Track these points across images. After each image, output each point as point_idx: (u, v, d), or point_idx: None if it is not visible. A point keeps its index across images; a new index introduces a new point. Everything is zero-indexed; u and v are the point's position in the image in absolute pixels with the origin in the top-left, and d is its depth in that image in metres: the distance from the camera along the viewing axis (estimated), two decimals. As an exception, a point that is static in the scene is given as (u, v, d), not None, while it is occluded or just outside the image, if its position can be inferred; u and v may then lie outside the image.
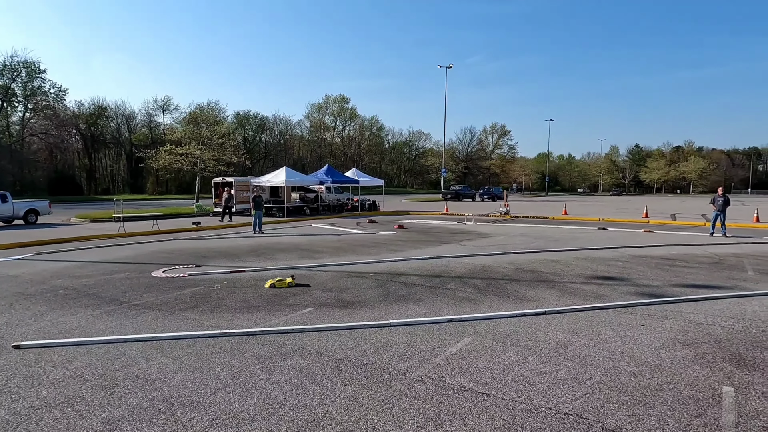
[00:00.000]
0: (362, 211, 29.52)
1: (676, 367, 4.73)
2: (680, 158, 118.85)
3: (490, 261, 11.12)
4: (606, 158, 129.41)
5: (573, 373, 4.58)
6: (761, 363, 4.83)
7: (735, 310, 6.79)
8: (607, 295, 7.70)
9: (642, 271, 9.93)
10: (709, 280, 9.00)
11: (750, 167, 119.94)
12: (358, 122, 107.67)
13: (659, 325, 6.10)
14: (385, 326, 6.04)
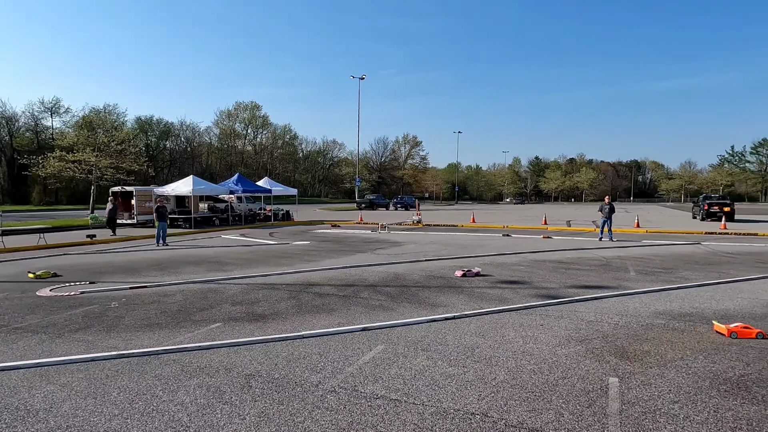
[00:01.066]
0: (275, 221, 28.90)
1: (570, 362, 5.12)
2: (574, 169, 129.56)
3: (403, 269, 11.36)
4: (510, 169, 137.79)
5: (479, 374, 4.79)
6: (641, 354, 5.37)
7: (620, 308, 7.50)
8: (510, 298, 8.16)
9: (541, 274, 10.65)
10: (598, 281, 9.86)
11: (632, 178, 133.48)
12: (271, 130, 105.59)
13: (556, 324, 6.58)
14: (297, 338, 5.95)
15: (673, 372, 4.84)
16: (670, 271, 11.08)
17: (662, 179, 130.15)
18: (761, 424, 3.76)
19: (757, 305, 7.71)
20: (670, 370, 4.88)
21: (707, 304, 7.79)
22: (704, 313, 7.16)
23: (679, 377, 4.71)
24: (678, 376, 4.74)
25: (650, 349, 5.55)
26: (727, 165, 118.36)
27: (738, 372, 4.85)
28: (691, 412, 3.98)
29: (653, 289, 8.86)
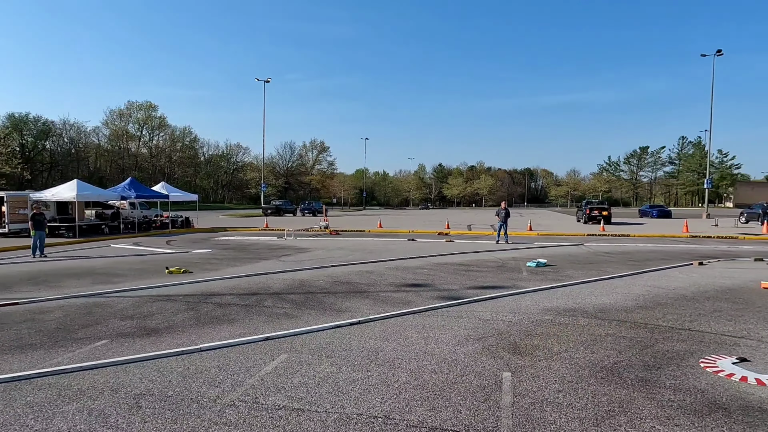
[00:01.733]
0: (173, 228, 27.24)
1: (468, 360, 5.37)
2: (474, 176, 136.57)
3: (309, 275, 11.23)
4: (415, 175, 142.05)
5: (383, 377, 4.86)
6: (531, 348, 5.77)
7: (513, 306, 8.00)
8: (414, 301, 8.38)
9: (443, 276, 11.07)
10: (495, 281, 10.45)
11: (525, 185, 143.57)
12: (169, 132, 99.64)
13: (456, 324, 6.86)
14: (195, 352, 5.64)
15: (558, 364, 5.25)
16: (558, 270, 12.04)
17: (552, 186, 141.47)
18: (630, 404, 4.20)
19: (628, 299, 8.61)
20: (556, 362, 5.29)
21: (588, 299, 8.57)
22: (585, 308, 7.87)
23: (563, 368, 5.12)
24: (562, 367, 5.15)
25: (539, 343, 5.98)
26: (605, 173, 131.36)
27: (612, 360, 5.37)
28: (573, 399, 4.34)
29: (542, 288, 9.57)
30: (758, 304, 8.19)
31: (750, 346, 5.89)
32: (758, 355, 5.52)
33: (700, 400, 4.31)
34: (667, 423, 3.87)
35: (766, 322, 7.01)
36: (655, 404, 4.22)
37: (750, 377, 4.81)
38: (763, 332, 6.48)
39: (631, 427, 3.81)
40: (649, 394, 4.43)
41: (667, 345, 5.91)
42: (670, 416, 3.99)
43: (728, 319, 7.20)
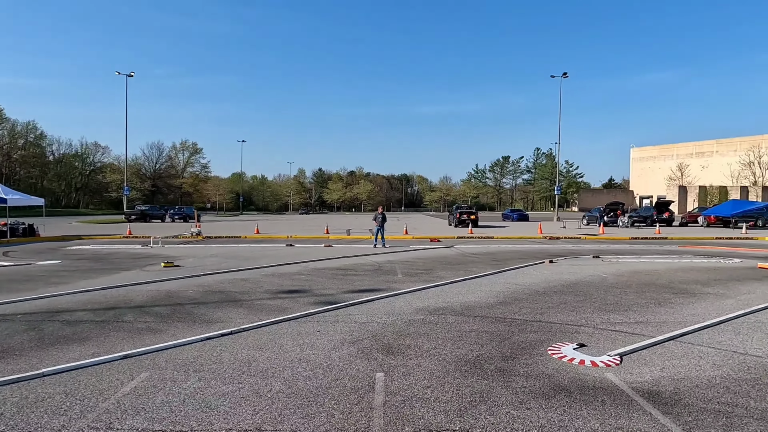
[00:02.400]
0: (13, 237, 23.71)
1: (343, 363, 5.42)
2: (354, 181, 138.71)
3: (177, 285, 10.50)
4: (295, 180, 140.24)
5: (255, 388, 4.71)
6: (403, 348, 6.00)
7: (388, 308, 8.26)
8: (290, 308, 8.25)
9: (321, 281, 11.06)
10: (371, 284, 10.69)
11: (402, 190, 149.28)
12: (8, 126, 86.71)
13: (332, 328, 6.89)
14: (35, 378, 4.95)
15: (427, 361, 5.53)
16: (430, 272, 12.69)
17: (426, 191, 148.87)
18: (489, 393, 4.56)
19: (490, 296, 9.36)
20: (425, 360, 5.56)
21: (456, 298, 9.15)
22: (453, 307, 8.39)
23: (432, 365, 5.40)
24: (431, 363, 5.44)
25: (411, 342, 6.24)
26: (473, 180, 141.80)
27: (475, 353, 5.79)
28: (440, 393, 4.59)
29: (415, 289, 10.01)
30: (595, 296, 9.40)
31: (587, 333, 6.74)
32: (593, 341, 6.34)
33: (547, 384, 4.82)
34: (520, 407, 4.28)
35: (601, 311, 8.08)
36: (510, 391, 4.64)
37: (587, 360, 5.50)
38: (598, 320, 7.46)
39: (490, 414, 4.14)
40: (506, 383, 4.86)
41: (521, 336, 6.53)
42: (523, 401, 4.41)
43: (571, 310, 8.17)
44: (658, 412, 4.18)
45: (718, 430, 3.84)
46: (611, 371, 5.19)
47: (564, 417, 4.08)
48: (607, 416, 4.10)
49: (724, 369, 5.27)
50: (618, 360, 5.51)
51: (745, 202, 43.50)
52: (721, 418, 4.07)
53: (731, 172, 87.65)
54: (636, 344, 6.09)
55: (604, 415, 4.13)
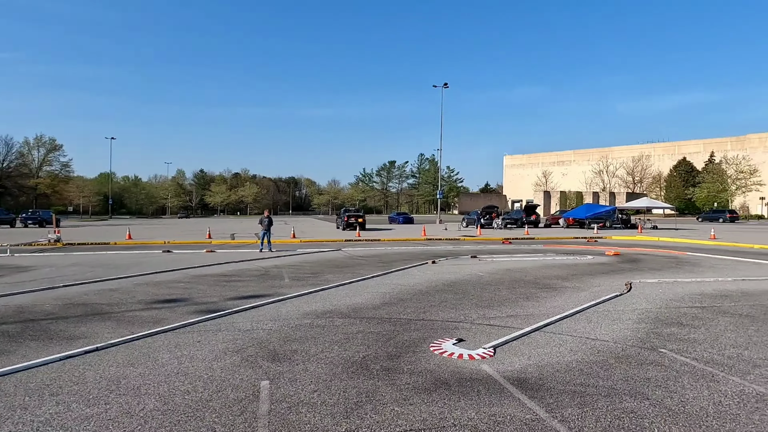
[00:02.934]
0: None
1: (226, 374, 5.18)
2: (239, 184, 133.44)
3: (30, 299, 9.27)
4: (173, 181, 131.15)
5: (125, 408, 4.32)
6: (290, 353, 5.90)
7: (274, 313, 8.07)
8: (167, 318, 7.70)
9: (202, 289, 10.48)
10: (257, 290, 10.37)
11: (290, 193, 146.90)
12: None
13: (214, 338, 6.56)
14: None
15: (315, 365, 5.49)
16: (317, 275, 12.64)
17: (315, 194, 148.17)
18: (375, 393, 4.66)
19: (377, 297, 9.57)
20: (312, 364, 5.53)
21: (343, 300, 9.21)
22: (340, 309, 8.44)
23: (319, 369, 5.38)
24: (318, 367, 5.41)
25: (298, 347, 6.16)
26: (361, 183, 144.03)
27: (362, 354, 5.88)
28: (327, 396, 4.59)
29: (303, 293, 9.90)
30: (472, 293, 10.05)
31: (466, 328, 7.19)
32: (471, 335, 6.77)
33: (429, 379, 5.05)
34: (404, 403, 4.43)
35: (478, 307, 8.66)
36: (395, 389, 4.78)
37: (464, 354, 5.86)
38: (475, 315, 7.99)
39: (376, 413, 4.23)
40: (391, 381, 5.00)
41: (406, 335, 6.76)
42: (407, 397, 4.58)
43: (451, 307, 8.65)
44: (525, 397, 4.59)
45: (575, 408, 4.32)
46: (486, 363, 5.58)
47: (444, 409, 4.31)
48: (482, 405, 4.40)
49: (579, 354, 5.94)
50: (492, 352, 5.95)
51: (597, 206, 49.48)
52: (577, 397, 4.58)
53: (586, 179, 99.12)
54: (507, 336, 6.62)
55: (480, 404, 4.43)
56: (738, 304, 9.01)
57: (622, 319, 7.73)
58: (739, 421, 4.10)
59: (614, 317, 7.88)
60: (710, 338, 6.64)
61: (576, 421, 4.09)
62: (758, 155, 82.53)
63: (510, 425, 4.00)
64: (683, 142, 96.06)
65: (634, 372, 5.29)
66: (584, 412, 4.27)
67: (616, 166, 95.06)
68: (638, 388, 4.81)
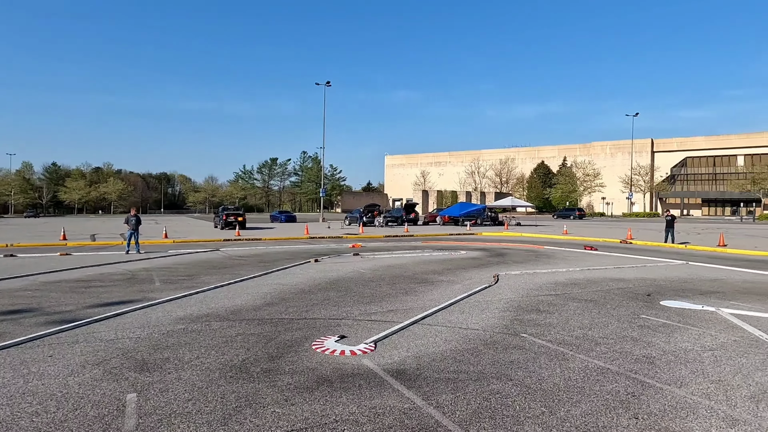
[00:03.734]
0: None
1: (85, 390, 4.68)
2: (101, 179, 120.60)
3: None
4: (18, 175, 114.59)
5: (-47, 439, 3.70)
6: (160, 362, 5.49)
7: (143, 320, 7.45)
8: (9, 332, 6.72)
9: (55, 297, 9.32)
10: (122, 296, 9.48)
11: (162, 190, 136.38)
12: None
13: (69, 351, 5.88)
14: None
15: (189, 372, 5.18)
16: (193, 278, 11.92)
17: (190, 192, 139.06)
18: (255, 396, 4.53)
19: (258, 298, 9.29)
20: (187, 371, 5.21)
21: (222, 303, 8.80)
22: (218, 312, 8.06)
23: (194, 376, 5.08)
24: (193, 375, 5.12)
25: (170, 355, 5.76)
26: (241, 181, 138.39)
27: (241, 358, 5.68)
28: (202, 404, 4.36)
29: (176, 297, 9.27)
30: (355, 290, 10.21)
31: (348, 325, 7.29)
32: (352, 332, 6.88)
33: (311, 378, 5.04)
34: (285, 404, 4.37)
35: (359, 304, 8.82)
36: (276, 390, 4.69)
37: (346, 350, 5.94)
38: (357, 312, 8.13)
39: (256, 416, 4.12)
40: (272, 383, 4.90)
41: (288, 335, 6.67)
42: (288, 398, 4.52)
43: (334, 305, 8.70)
44: (404, 387, 4.78)
45: (448, 395, 4.61)
46: (367, 357, 5.71)
47: (326, 406, 4.33)
48: (363, 398, 4.50)
49: (453, 343, 6.33)
50: (373, 347, 6.10)
51: (469, 204, 53.01)
52: (451, 384, 4.89)
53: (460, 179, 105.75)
54: (388, 330, 6.84)
55: (361, 398, 4.53)
56: (585, 290, 10.27)
57: (490, 309, 8.40)
58: (584, 392, 4.69)
59: (483, 307, 8.53)
60: (562, 322, 7.49)
61: (449, 405, 4.36)
62: (600, 160, 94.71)
63: (389, 416, 4.14)
64: (542, 147, 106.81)
65: (500, 356, 5.78)
66: (457, 397, 4.57)
67: (486, 168, 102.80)
68: (503, 371, 5.27)
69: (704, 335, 6.76)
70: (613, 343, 6.37)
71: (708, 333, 6.87)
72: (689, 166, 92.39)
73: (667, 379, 5.06)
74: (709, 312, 8.21)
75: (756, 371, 5.31)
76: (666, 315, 7.99)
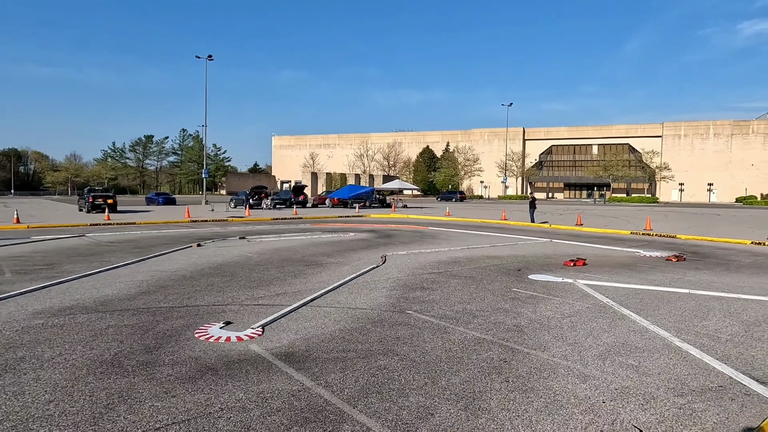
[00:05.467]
0: None
1: None
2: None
3: None
4: None
5: None
6: (15, 363, 4.85)
7: (-11, 317, 6.51)
8: None
9: None
10: (-38, 290, 8.20)
11: (12, 168, 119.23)
12: None
13: None
14: None
15: (50, 372, 4.66)
16: (53, 267, 10.65)
17: (47, 171, 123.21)
18: (130, 391, 4.21)
19: (132, 286, 8.59)
20: (47, 371, 4.67)
21: (89, 293, 8.00)
22: (85, 304, 7.31)
23: (56, 375, 4.58)
24: (55, 374, 4.61)
25: (26, 354, 5.13)
26: (110, 160, 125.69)
27: (113, 351, 5.23)
28: (67, 405, 3.96)
29: (32, 289, 8.23)
30: (241, 275, 9.87)
31: (234, 310, 7.04)
32: (239, 317, 6.67)
33: (194, 367, 4.80)
34: (165, 397, 4.12)
35: (246, 288, 8.56)
36: (155, 383, 4.41)
37: (232, 337, 5.74)
38: (244, 297, 7.88)
39: (131, 412, 3.84)
40: (149, 376, 4.58)
41: (167, 324, 6.27)
42: (168, 390, 4.27)
43: (218, 290, 8.34)
44: (293, 370, 4.76)
45: (337, 374, 4.68)
46: (255, 342, 5.58)
47: (210, 395, 4.17)
48: (250, 384, 4.40)
49: (342, 323, 6.42)
50: (260, 331, 5.97)
51: (358, 186, 53.62)
52: (339, 363, 4.97)
53: (349, 162, 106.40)
54: (276, 314, 6.73)
55: (248, 383, 4.42)
56: (464, 267, 10.98)
57: (378, 288, 8.64)
58: (462, 361, 5.05)
59: (372, 287, 8.74)
60: (444, 297, 7.95)
61: (338, 384, 4.44)
62: (479, 146, 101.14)
63: (278, 399, 4.10)
64: (427, 132, 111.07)
65: (387, 333, 5.99)
66: (345, 375, 4.66)
67: (374, 151, 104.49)
68: (390, 347, 5.47)
69: (564, 304, 7.60)
70: (488, 315, 6.92)
71: (567, 302, 7.75)
72: (554, 153, 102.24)
73: (533, 345, 5.62)
74: (568, 284, 9.24)
75: (603, 333, 6.11)
76: (533, 287, 8.85)
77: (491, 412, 3.96)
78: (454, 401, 4.13)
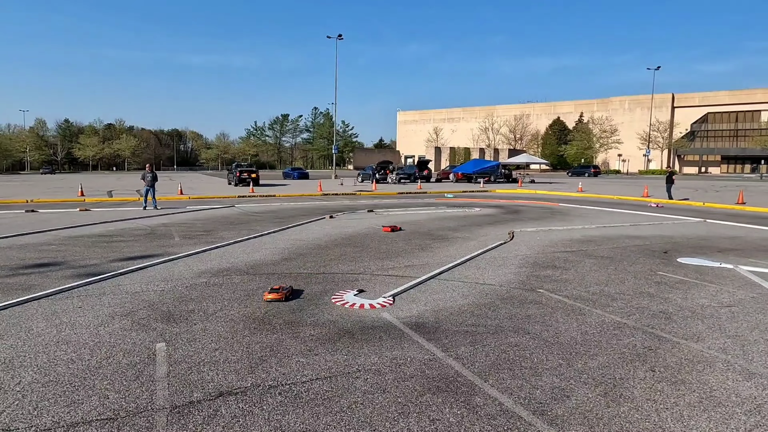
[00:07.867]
0: None
1: (115, 339, 4.86)
2: (114, 136, 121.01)
3: None
4: (32, 132, 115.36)
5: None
6: (186, 314, 5.66)
7: (165, 274, 7.63)
8: (39, 284, 6.94)
9: (79, 251, 9.55)
10: (144, 250, 9.69)
11: (174, 146, 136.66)
12: None
13: (98, 302, 6.07)
14: None
15: (214, 323, 5.35)
16: (210, 233, 12.10)
17: (202, 149, 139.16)
18: (279, 346, 4.68)
19: (275, 253, 9.44)
20: (212, 323, 5.37)
21: (240, 257, 8.96)
22: (238, 266, 8.22)
23: (219, 327, 5.24)
24: (218, 326, 5.28)
25: (195, 307, 5.93)
26: (252, 137, 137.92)
27: (263, 310, 5.83)
28: (229, 354, 4.52)
29: (196, 251, 9.45)
30: (371, 246, 10.30)
31: (366, 279, 7.40)
32: (370, 286, 6.99)
33: (332, 330, 5.17)
34: (309, 354, 4.51)
35: (377, 259, 8.92)
36: (299, 341, 4.83)
37: (366, 304, 6.05)
38: (374, 267, 8.23)
39: (281, 366, 4.26)
40: (294, 334, 5.04)
41: (308, 289, 6.80)
42: (311, 348, 4.66)
43: (351, 260, 8.81)
44: (423, 339, 4.89)
45: (467, 347, 4.71)
46: (386, 311, 5.83)
47: (348, 357, 4.46)
48: (384, 350, 4.62)
49: (470, 298, 6.42)
50: (391, 300, 6.21)
51: (483, 161, 52.48)
52: (469, 336, 4.99)
53: (473, 135, 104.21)
54: (405, 285, 6.94)
55: (382, 348, 4.65)
56: (601, 247, 10.26)
57: (507, 265, 8.45)
58: (601, 345, 4.76)
59: (499, 263, 8.58)
60: (578, 278, 7.53)
61: (468, 357, 4.47)
62: (618, 116, 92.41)
63: (411, 366, 4.26)
64: (558, 103, 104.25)
65: (517, 311, 5.86)
66: (475, 349, 4.67)
67: (500, 124, 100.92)
68: (520, 325, 5.35)
69: (722, 292, 6.76)
70: (629, 298, 6.41)
71: (726, 290, 6.87)
72: (710, 122, 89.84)
73: (684, 334, 5.11)
74: (727, 269, 8.18)
75: (774, 327, 5.33)
76: (683, 272, 7.99)
77: (635, 401, 3.70)
78: (592, 386, 3.94)
